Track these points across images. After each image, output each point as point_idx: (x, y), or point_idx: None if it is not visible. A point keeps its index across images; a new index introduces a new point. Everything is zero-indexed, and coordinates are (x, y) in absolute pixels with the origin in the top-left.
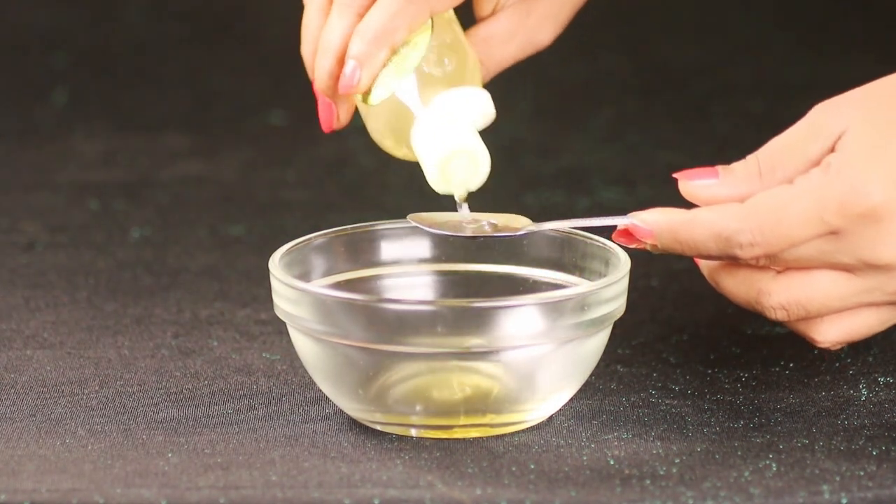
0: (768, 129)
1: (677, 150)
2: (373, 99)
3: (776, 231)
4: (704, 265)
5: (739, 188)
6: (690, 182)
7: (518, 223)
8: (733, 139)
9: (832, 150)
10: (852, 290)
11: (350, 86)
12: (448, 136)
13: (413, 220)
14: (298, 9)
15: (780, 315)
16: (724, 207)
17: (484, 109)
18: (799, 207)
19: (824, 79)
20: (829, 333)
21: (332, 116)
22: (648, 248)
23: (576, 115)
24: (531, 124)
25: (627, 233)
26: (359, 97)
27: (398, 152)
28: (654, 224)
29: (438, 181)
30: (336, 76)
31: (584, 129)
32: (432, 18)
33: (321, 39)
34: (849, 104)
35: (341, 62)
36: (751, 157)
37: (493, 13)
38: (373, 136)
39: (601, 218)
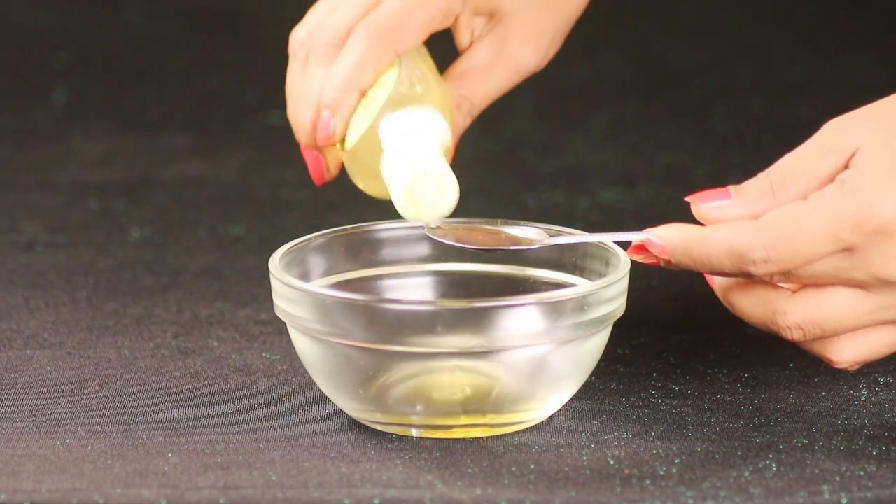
0: (768, 129)
1: (677, 150)
2: (347, 144)
3: (790, 248)
4: (718, 286)
5: (752, 207)
6: (703, 205)
7: (533, 236)
8: (734, 139)
9: (845, 166)
10: (867, 308)
11: (327, 136)
12: (412, 161)
13: (429, 232)
14: (298, 9)
15: (796, 335)
16: (738, 224)
17: (440, 131)
18: (813, 224)
19: (824, 79)
20: (846, 353)
21: (322, 168)
22: (661, 263)
23: (576, 115)
24: (531, 124)
25: (642, 248)
26: (339, 147)
27: (376, 191)
28: (668, 240)
29: (407, 206)
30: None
31: (584, 129)
32: (400, 58)
33: (302, 92)
34: (861, 121)
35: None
36: (762, 176)
37: (471, 45)
38: (353, 180)
39: (615, 233)
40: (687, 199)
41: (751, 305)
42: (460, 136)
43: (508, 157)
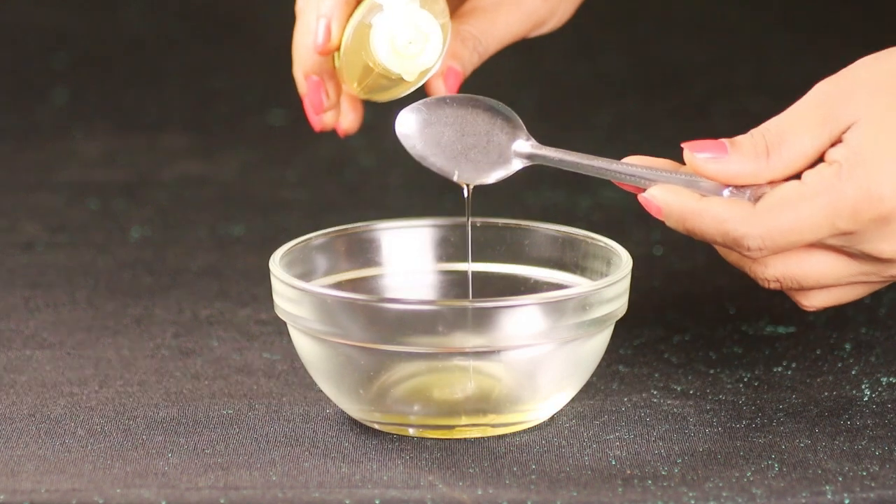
0: None
1: (677, 150)
2: (342, 45)
3: (786, 237)
4: None
5: (746, 166)
6: (697, 154)
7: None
8: None
9: (839, 139)
10: (849, 272)
11: (325, 42)
12: (393, 15)
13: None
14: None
15: (772, 286)
16: (736, 207)
17: None
18: (810, 213)
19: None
20: (817, 300)
21: (321, 95)
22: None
23: (577, 115)
24: (532, 123)
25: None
26: (336, 64)
27: (375, 91)
28: (664, 204)
29: (392, 58)
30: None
31: (585, 129)
32: None
33: (304, 26)
34: (858, 91)
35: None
36: (757, 133)
37: None
38: (351, 88)
39: (612, 161)
40: (683, 145)
41: (729, 251)
42: (470, 73)
43: None
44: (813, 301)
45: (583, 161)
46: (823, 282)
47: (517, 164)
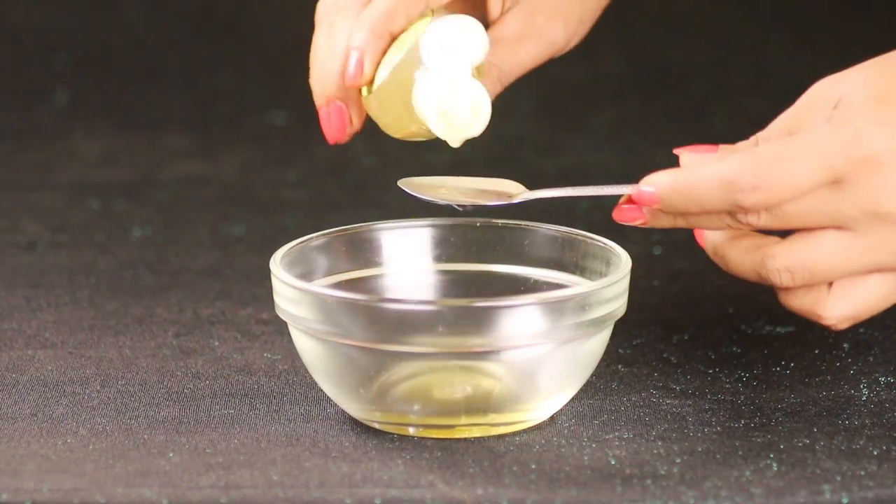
0: None
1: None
2: (375, 84)
3: (780, 175)
4: (709, 241)
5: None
6: (691, 155)
7: (512, 189)
8: (733, 139)
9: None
10: (857, 250)
11: (356, 76)
12: (444, 80)
13: (402, 185)
14: (299, 9)
15: (785, 279)
16: (728, 158)
17: (477, 40)
18: (803, 152)
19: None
20: (836, 309)
21: (345, 120)
22: (648, 218)
23: (576, 115)
24: (532, 123)
25: (624, 209)
26: (364, 93)
27: (404, 130)
28: (657, 184)
29: (442, 127)
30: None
31: (584, 129)
32: (432, 10)
33: (329, 45)
34: (847, 75)
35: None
36: (752, 137)
37: (501, 15)
38: (378, 123)
39: (602, 186)
40: (676, 151)
41: (740, 254)
42: (491, 102)
43: (509, 157)
44: (833, 310)
45: (578, 192)
46: (834, 265)
47: (516, 199)
